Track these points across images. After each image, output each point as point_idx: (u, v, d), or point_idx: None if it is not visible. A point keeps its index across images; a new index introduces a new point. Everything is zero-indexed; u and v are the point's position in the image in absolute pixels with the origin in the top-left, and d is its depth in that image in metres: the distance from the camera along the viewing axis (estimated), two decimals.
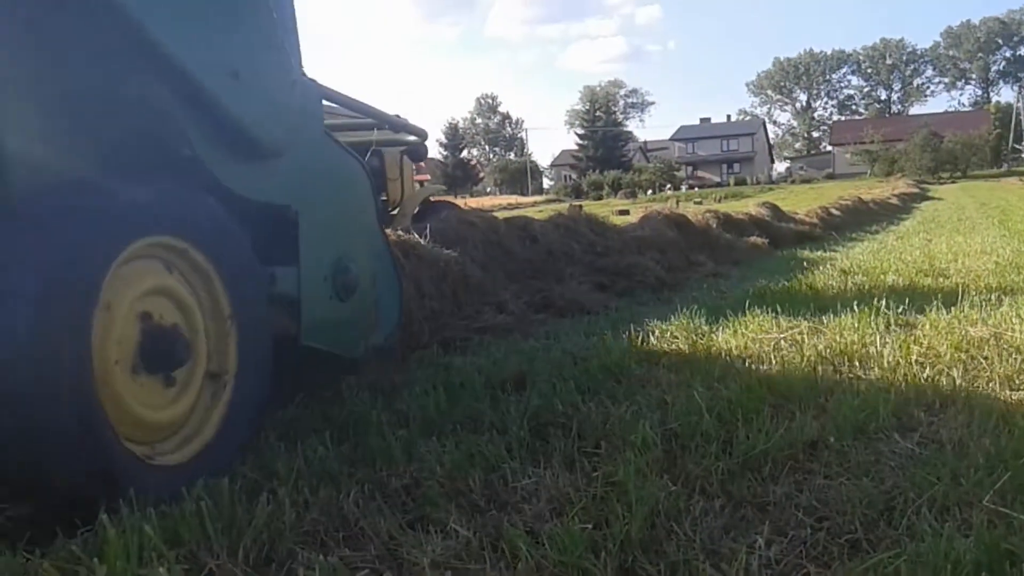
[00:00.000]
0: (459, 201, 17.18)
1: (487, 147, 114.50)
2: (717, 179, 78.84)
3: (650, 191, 62.72)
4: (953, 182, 55.63)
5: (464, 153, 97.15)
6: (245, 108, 2.90)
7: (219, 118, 2.83)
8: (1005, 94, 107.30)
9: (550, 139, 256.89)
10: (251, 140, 2.99)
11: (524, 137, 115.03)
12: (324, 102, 3.74)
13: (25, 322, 2.14)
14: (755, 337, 4.54)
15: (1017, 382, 3.41)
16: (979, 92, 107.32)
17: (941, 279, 6.79)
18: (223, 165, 2.90)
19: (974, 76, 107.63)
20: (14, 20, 2.35)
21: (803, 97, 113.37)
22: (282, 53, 3.18)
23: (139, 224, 2.53)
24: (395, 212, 7.71)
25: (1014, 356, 3.78)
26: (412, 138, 6.71)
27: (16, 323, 2.13)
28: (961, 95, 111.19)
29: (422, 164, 8.72)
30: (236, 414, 2.82)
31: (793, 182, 67.55)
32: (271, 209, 3.18)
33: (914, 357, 3.86)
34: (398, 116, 5.35)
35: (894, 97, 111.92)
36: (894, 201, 26.64)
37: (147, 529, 2.06)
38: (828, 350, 4.08)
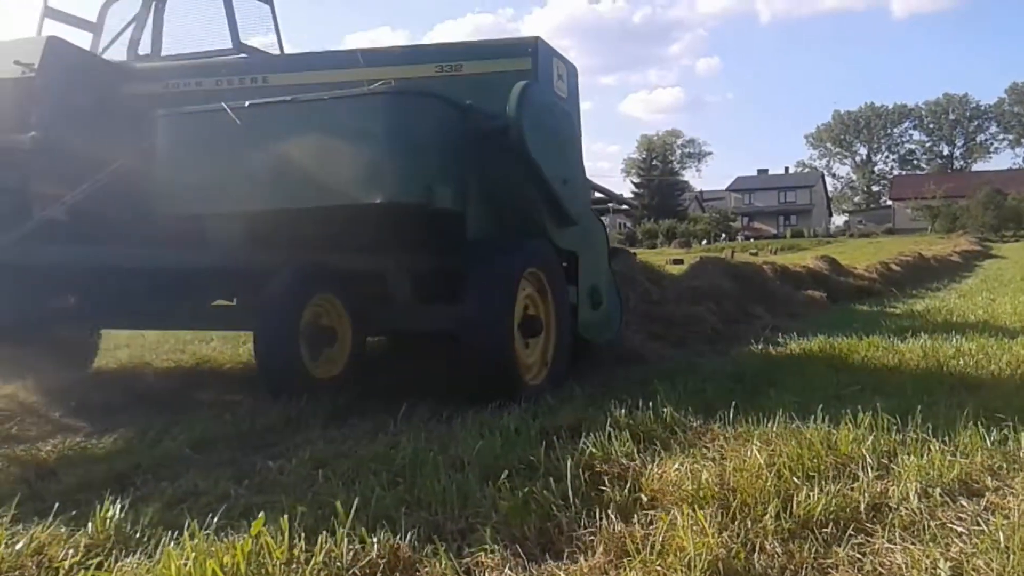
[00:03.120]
0: None
1: None
2: (773, 231, 77.93)
3: (704, 241, 62.37)
4: (1016, 240, 54.32)
5: None
6: (567, 199, 5.28)
7: (555, 205, 5.24)
8: None
9: (606, 187, 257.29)
10: (567, 216, 5.38)
11: None
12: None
13: (492, 306, 4.62)
14: (814, 393, 4.47)
15: None
16: None
17: (1006, 339, 6.63)
18: (553, 230, 5.33)
19: None
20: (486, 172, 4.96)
21: (863, 151, 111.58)
22: (581, 165, 5.80)
23: (529, 260, 4.98)
24: None
25: None
26: (626, 207, 12.71)
27: (486, 306, 4.62)
28: None
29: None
30: (557, 364, 5.20)
31: (851, 236, 66.57)
32: (568, 253, 5.59)
33: (980, 419, 3.77)
34: (621, 195, 9.22)
35: (956, 153, 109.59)
36: (955, 258, 26.13)
37: (210, 564, 2.09)
38: (891, 409, 3.99)
